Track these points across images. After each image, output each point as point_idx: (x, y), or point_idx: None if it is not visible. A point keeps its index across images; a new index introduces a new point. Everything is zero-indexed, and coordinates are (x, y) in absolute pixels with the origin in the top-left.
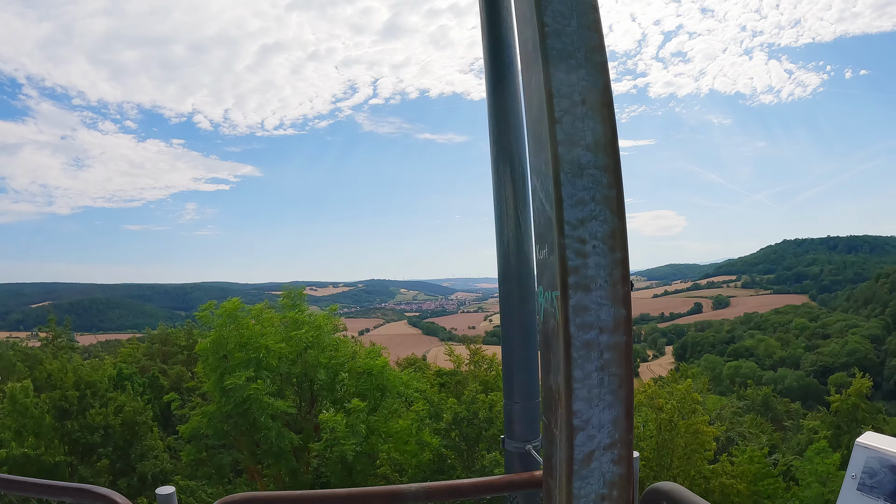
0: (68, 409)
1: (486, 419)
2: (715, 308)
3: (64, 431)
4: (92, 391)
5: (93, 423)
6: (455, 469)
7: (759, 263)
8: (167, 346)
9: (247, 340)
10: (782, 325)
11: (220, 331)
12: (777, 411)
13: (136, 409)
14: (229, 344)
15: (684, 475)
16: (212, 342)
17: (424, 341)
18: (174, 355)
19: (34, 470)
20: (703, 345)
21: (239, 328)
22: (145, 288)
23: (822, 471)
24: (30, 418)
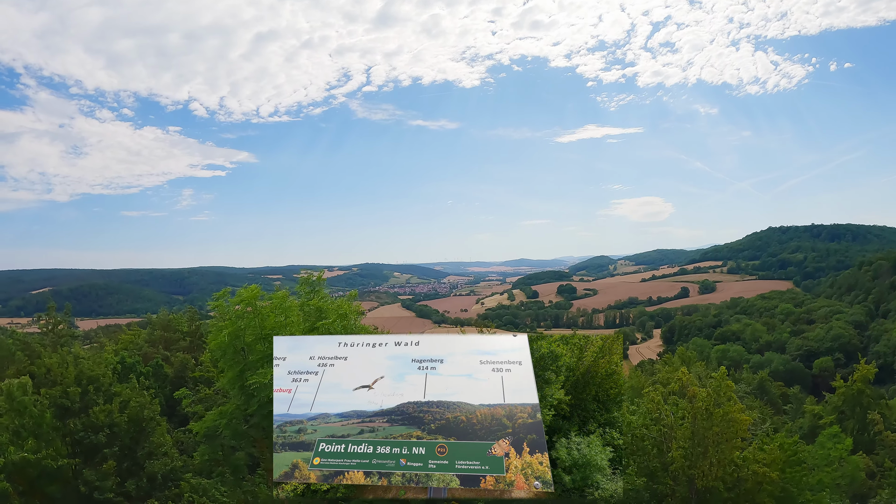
0: (70, 407)
1: None
2: (701, 293)
3: (66, 431)
4: (95, 386)
5: (97, 422)
6: None
7: (745, 250)
8: (169, 332)
9: (269, 332)
10: (768, 310)
11: (236, 321)
12: (772, 395)
13: (142, 404)
14: (248, 336)
15: (719, 463)
16: (229, 335)
17: (418, 324)
18: (176, 342)
19: (35, 474)
20: (691, 328)
21: (260, 318)
22: (143, 273)
23: (835, 455)
24: (28, 417)
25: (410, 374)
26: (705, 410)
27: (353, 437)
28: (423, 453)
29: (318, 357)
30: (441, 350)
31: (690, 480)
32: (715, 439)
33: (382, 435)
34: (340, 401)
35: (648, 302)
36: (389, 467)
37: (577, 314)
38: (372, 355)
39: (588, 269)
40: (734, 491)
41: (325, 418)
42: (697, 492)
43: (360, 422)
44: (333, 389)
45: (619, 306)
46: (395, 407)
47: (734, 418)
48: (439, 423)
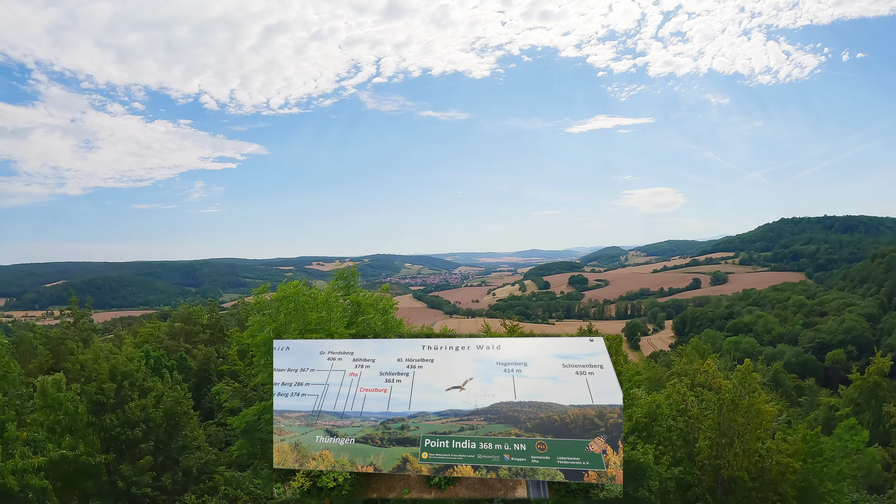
0: (105, 403)
1: None
2: (713, 284)
3: (102, 427)
4: (129, 382)
5: (133, 417)
6: None
7: (757, 241)
8: (189, 324)
9: (312, 328)
10: (780, 301)
11: (275, 317)
12: (786, 387)
13: (176, 399)
14: (289, 333)
15: (744, 454)
16: (273, 331)
17: (429, 314)
18: (196, 334)
19: (70, 471)
20: (703, 320)
21: (303, 314)
22: (156, 265)
23: (852, 447)
24: (64, 414)
25: (498, 377)
26: (731, 402)
27: (455, 433)
28: (524, 449)
29: (406, 359)
30: (523, 354)
31: (716, 470)
32: (740, 430)
33: (483, 432)
34: (435, 400)
35: (660, 293)
36: (495, 462)
37: (588, 305)
38: (456, 358)
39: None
40: (758, 481)
41: (425, 416)
42: (723, 481)
43: (459, 420)
44: (426, 390)
45: (631, 297)
46: (489, 406)
47: (759, 410)
48: (534, 421)
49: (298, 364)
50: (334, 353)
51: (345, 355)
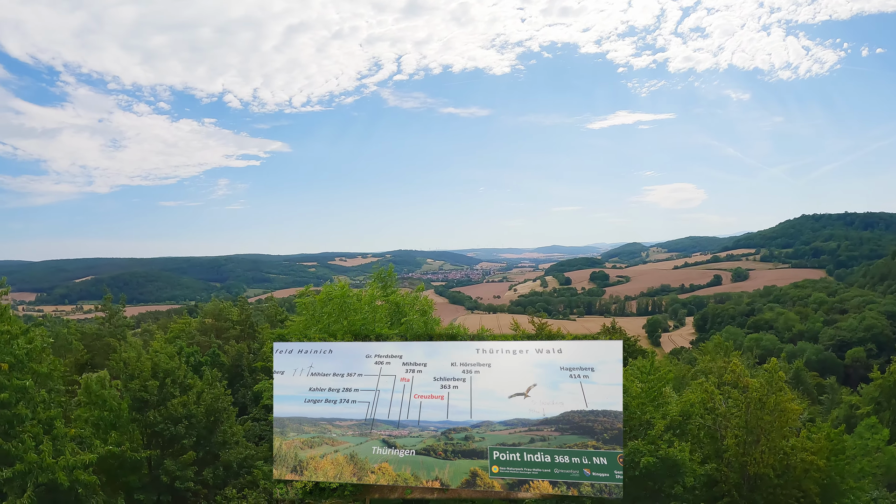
0: (148, 400)
1: None
2: (734, 281)
3: (145, 423)
4: (171, 379)
5: (175, 414)
6: None
7: (778, 237)
8: (220, 320)
9: (358, 330)
10: (801, 298)
11: (319, 317)
12: (807, 385)
13: (216, 395)
14: (336, 332)
15: (770, 451)
16: (319, 331)
17: (451, 310)
18: (227, 330)
19: (116, 466)
20: (724, 317)
21: (348, 314)
22: (181, 261)
23: (873, 445)
24: (108, 411)
25: (563, 382)
26: (758, 400)
27: (526, 445)
28: (605, 464)
29: (461, 363)
30: (588, 357)
31: (743, 467)
32: (766, 428)
33: (556, 444)
34: (498, 408)
35: (681, 289)
36: (574, 477)
37: (609, 301)
38: (515, 362)
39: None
40: (783, 478)
41: (489, 426)
42: (749, 478)
43: (528, 430)
44: (487, 396)
45: (652, 293)
46: (559, 415)
47: (785, 408)
48: (612, 432)
49: (345, 368)
50: (382, 357)
51: (393, 359)
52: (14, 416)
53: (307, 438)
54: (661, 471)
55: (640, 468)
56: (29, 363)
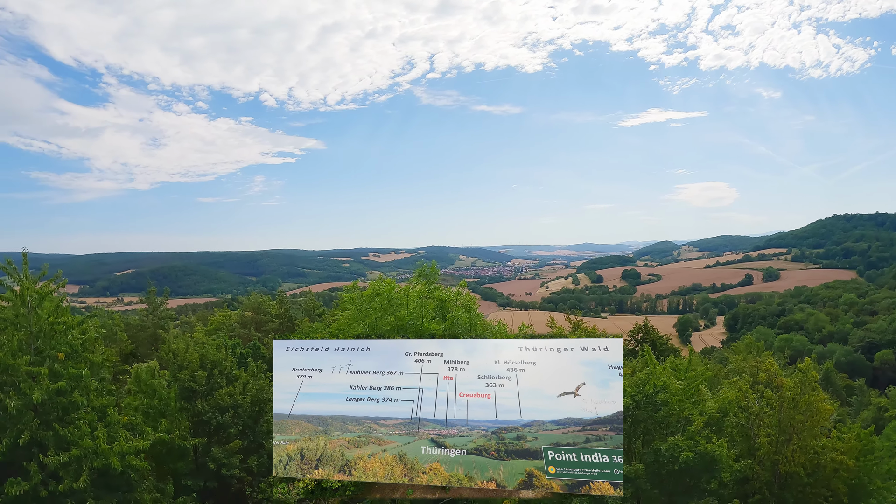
0: (196, 390)
1: None
2: (765, 280)
3: (193, 412)
4: (219, 370)
5: (223, 403)
6: None
7: (809, 237)
8: (259, 314)
9: (405, 325)
10: (831, 299)
11: (365, 312)
12: (837, 386)
13: (260, 387)
14: (384, 328)
15: (801, 450)
16: (367, 326)
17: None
18: (265, 323)
19: (164, 452)
20: (754, 317)
21: (395, 310)
22: (218, 255)
23: None
24: (158, 399)
25: (614, 381)
26: (792, 399)
27: (582, 445)
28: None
29: (505, 361)
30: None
31: (774, 465)
32: (799, 427)
33: (613, 444)
34: (547, 407)
35: (712, 289)
36: None
37: (640, 299)
38: (561, 360)
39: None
40: (813, 477)
41: (541, 425)
42: (780, 476)
43: (581, 430)
44: (535, 395)
45: (683, 292)
46: (613, 415)
47: (818, 408)
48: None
49: (385, 366)
50: (422, 355)
51: (434, 356)
52: (70, 404)
53: (353, 437)
54: (700, 466)
55: (680, 463)
56: (83, 353)
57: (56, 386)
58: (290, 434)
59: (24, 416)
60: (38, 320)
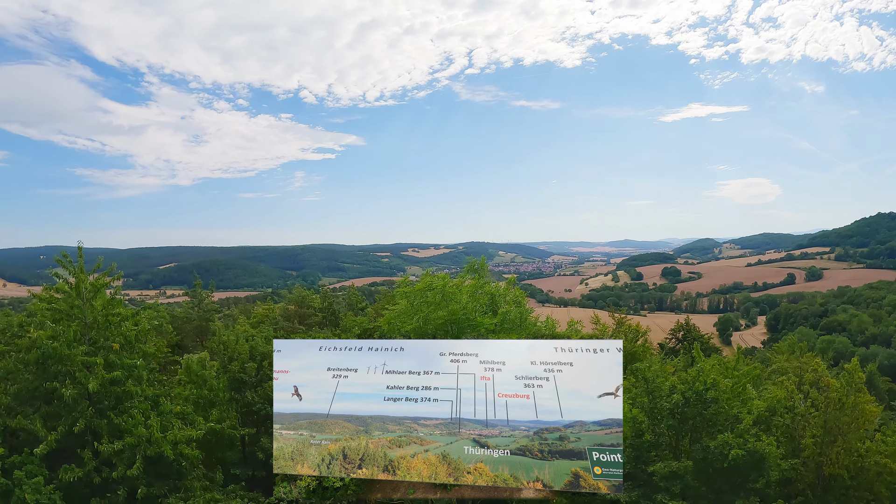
0: (246, 381)
1: None
2: (808, 280)
3: (243, 403)
4: (268, 362)
5: (271, 395)
6: None
7: (853, 236)
8: (303, 307)
9: (458, 320)
10: (875, 300)
11: (419, 308)
12: (880, 390)
13: None
14: (436, 322)
15: (845, 453)
16: (422, 320)
17: None
18: (309, 317)
19: (213, 442)
20: (796, 317)
21: (447, 304)
22: (259, 250)
23: None
24: (208, 390)
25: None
26: (838, 401)
27: None
28: None
29: (541, 362)
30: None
31: (818, 467)
32: (844, 429)
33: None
34: (588, 408)
35: (753, 287)
36: None
37: (680, 298)
38: (598, 361)
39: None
40: (856, 479)
41: (583, 426)
42: (823, 478)
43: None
44: (575, 396)
45: (724, 291)
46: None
47: (864, 410)
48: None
49: (421, 367)
50: (457, 355)
51: (469, 357)
52: (124, 393)
53: (394, 437)
54: (748, 464)
55: (729, 460)
56: (137, 343)
57: (111, 376)
58: (331, 433)
59: (80, 404)
60: (93, 311)
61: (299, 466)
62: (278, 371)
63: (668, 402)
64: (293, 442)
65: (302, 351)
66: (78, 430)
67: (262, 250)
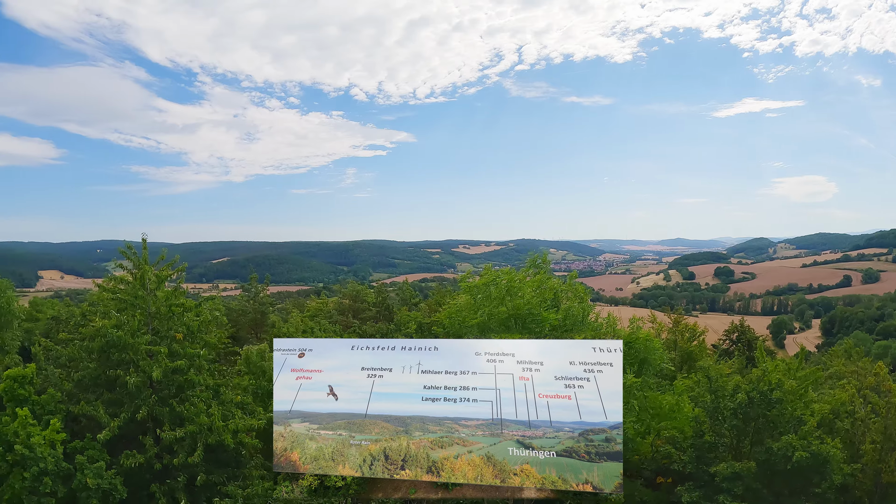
0: None
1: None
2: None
3: None
4: None
5: None
6: None
7: None
8: (357, 302)
9: (522, 315)
10: None
11: (480, 302)
12: None
13: None
14: (500, 317)
15: None
16: (487, 314)
17: None
18: (363, 311)
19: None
20: (852, 320)
21: (513, 299)
22: (310, 245)
23: None
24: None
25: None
26: None
27: None
28: None
29: (580, 362)
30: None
31: (877, 474)
32: None
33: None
34: None
35: (808, 289)
36: None
37: (733, 298)
38: None
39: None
40: None
41: None
42: (881, 486)
43: None
44: (616, 397)
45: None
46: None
47: None
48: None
49: (457, 367)
50: (493, 355)
51: (506, 357)
52: (186, 382)
53: (435, 438)
54: (812, 466)
55: (792, 462)
56: (199, 334)
57: (174, 365)
58: (370, 434)
59: (143, 392)
60: (156, 302)
61: (340, 467)
62: (299, 371)
63: (731, 402)
64: (332, 442)
65: (334, 350)
66: (140, 417)
67: (313, 245)
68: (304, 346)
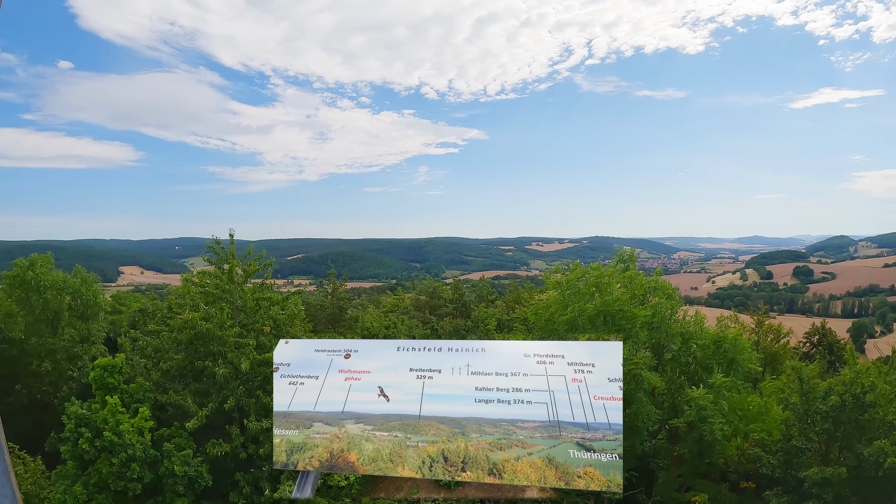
0: None
1: None
2: None
3: None
4: None
5: None
6: None
7: None
8: (434, 298)
9: (612, 311)
10: None
11: (567, 298)
12: None
13: None
14: (589, 313)
15: None
16: (576, 311)
17: None
18: (439, 307)
19: None
20: None
21: (603, 295)
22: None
23: None
24: None
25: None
26: None
27: None
28: None
29: None
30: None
31: None
32: None
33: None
34: None
35: (891, 291)
36: None
37: (812, 299)
38: None
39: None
40: None
41: None
42: None
43: None
44: None
45: (859, 294)
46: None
47: None
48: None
49: (507, 368)
50: (542, 356)
51: (556, 358)
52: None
53: (493, 440)
54: None
55: (884, 469)
56: (285, 327)
57: (262, 357)
58: (426, 435)
59: (231, 383)
60: (243, 296)
61: (399, 468)
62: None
63: (823, 405)
64: (389, 444)
65: (380, 351)
66: (228, 407)
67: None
68: (347, 346)
